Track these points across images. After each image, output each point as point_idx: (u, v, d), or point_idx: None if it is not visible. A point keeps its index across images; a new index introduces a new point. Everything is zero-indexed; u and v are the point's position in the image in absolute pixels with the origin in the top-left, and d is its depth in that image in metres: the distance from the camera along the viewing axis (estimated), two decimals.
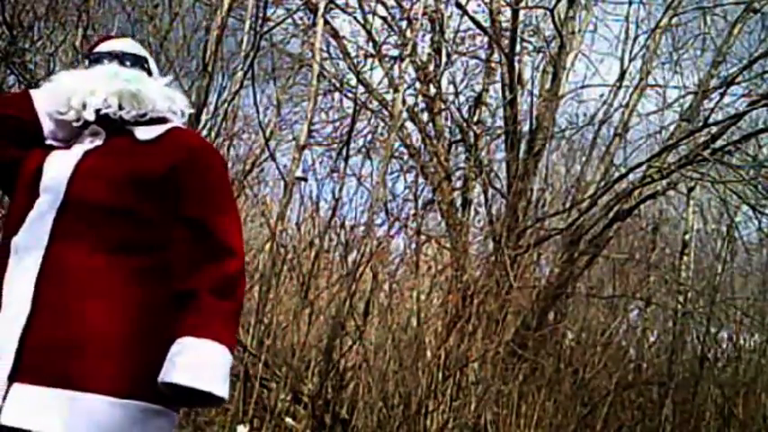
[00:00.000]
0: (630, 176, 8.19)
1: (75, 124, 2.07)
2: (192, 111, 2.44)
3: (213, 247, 1.94)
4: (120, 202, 1.93)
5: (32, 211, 1.95)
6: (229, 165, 7.20)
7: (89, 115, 2.04)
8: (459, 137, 8.39)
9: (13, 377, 1.78)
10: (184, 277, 1.90)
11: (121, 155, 2.02)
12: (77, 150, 2.05)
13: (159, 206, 1.95)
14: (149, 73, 2.21)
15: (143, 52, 2.26)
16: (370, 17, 7.98)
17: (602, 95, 8.60)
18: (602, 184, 8.24)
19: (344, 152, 7.40)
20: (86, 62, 2.22)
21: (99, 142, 2.07)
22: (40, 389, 1.77)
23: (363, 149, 7.97)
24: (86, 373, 1.78)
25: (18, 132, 2.08)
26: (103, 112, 2.05)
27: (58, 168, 2.00)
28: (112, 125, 2.07)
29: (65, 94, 2.07)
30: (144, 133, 2.06)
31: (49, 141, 2.10)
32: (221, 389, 1.84)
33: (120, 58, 2.19)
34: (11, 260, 1.91)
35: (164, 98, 2.13)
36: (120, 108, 2.06)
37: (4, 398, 1.77)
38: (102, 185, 1.95)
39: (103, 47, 2.24)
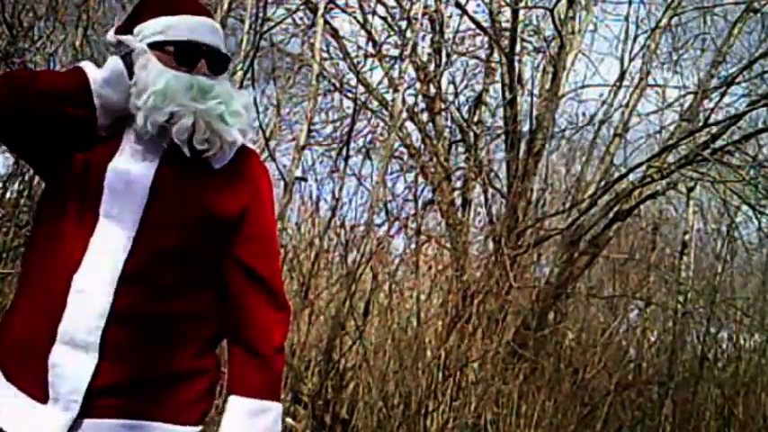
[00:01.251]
0: (630, 176, 8.19)
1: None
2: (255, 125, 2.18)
3: (276, 305, 1.94)
4: (191, 246, 1.84)
5: (96, 245, 1.78)
6: None
7: (184, 148, 1.82)
8: (459, 137, 8.39)
9: (81, 416, 1.78)
10: (245, 329, 1.90)
11: (194, 187, 1.84)
12: (142, 169, 1.83)
13: (222, 246, 1.88)
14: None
15: (224, 45, 1.96)
16: (370, 17, 7.98)
17: (601, 95, 8.62)
18: (602, 184, 8.24)
19: (344, 152, 7.39)
20: (160, 41, 1.86)
21: (158, 152, 1.84)
22: (108, 421, 1.78)
23: (363, 149, 7.98)
24: (152, 406, 1.80)
25: (68, 128, 1.82)
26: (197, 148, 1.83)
27: (127, 196, 1.80)
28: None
29: (160, 101, 1.80)
30: (216, 158, 1.87)
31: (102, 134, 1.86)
32: None
33: (216, 59, 1.90)
34: (74, 299, 1.77)
35: (251, 127, 1.97)
36: (217, 151, 1.85)
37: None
38: (175, 229, 1.82)
39: (195, 31, 1.88)
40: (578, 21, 8.63)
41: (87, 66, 1.85)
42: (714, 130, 7.88)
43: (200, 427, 1.86)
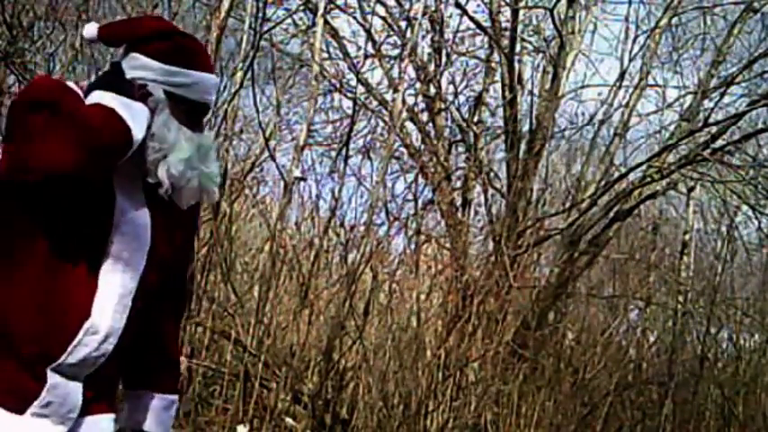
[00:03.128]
0: (630, 176, 8.20)
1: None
2: None
3: (182, 318, 2.21)
4: (162, 283, 1.97)
5: (107, 286, 1.80)
6: (229, 165, 7.20)
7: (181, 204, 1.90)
8: (459, 137, 8.39)
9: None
10: (159, 338, 2.05)
11: (171, 228, 1.92)
12: (142, 213, 1.84)
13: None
14: None
15: None
16: (369, 17, 7.98)
17: (601, 95, 8.62)
18: (602, 184, 8.24)
19: (344, 152, 7.39)
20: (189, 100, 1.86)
21: (140, 193, 1.85)
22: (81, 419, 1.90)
23: (363, 149, 7.97)
24: (103, 403, 1.93)
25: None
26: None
27: (136, 240, 1.84)
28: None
29: (186, 167, 1.83)
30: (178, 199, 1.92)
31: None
32: None
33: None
34: (86, 338, 1.79)
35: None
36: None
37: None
38: (164, 269, 1.93)
39: (210, 93, 1.91)
40: (578, 21, 8.63)
41: (130, 122, 1.74)
42: (714, 130, 7.88)
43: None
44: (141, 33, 1.87)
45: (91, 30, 1.90)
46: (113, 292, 1.82)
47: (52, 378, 1.80)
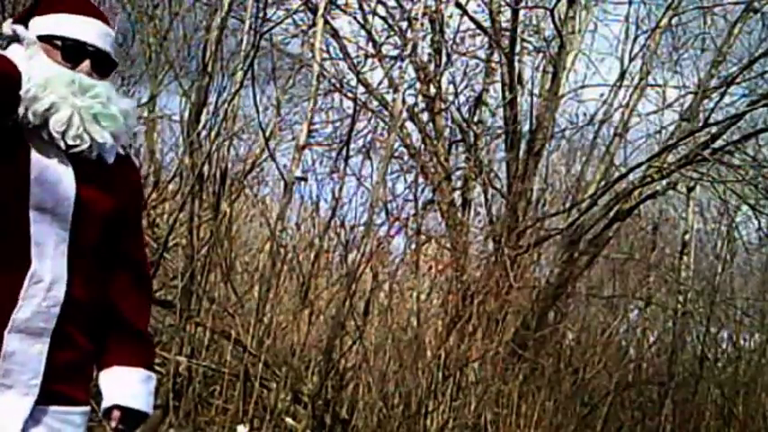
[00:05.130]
0: (630, 176, 8.20)
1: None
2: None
3: (146, 288, 2.13)
4: (102, 238, 1.96)
5: (40, 236, 1.82)
6: (229, 165, 7.20)
7: (60, 141, 1.85)
8: (459, 137, 8.39)
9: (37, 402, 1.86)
10: (121, 309, 2.02)
11: (102, 186, 1.93)
12: (59, 162, 1.86)
13: (113, 236, 2.00)
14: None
15: (113, 51, 2.02)
16: (370, 17, 7.98)
17: (601, 95, 8.62)
18: (602, 184, 8.25)
19: (344, 152, 7.40)
20: (58, 42, 1.90)
21: (56, 145, 1.88)
22: (62, 408, 1.88)
23: (363, 149, 7.97)
24: (77, 390, 1.92)
25: None
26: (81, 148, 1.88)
27: (59, 189, 1.85)
28: None
29: (40, 91, 1.83)
30: (107, 154, 1.95)
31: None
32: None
33: (101, 62, 1.96)
34: (32, 289, 1.81)
35: (126, 133, 2.03)
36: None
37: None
38: (96, 223, 1.93)
39: (85, 31, 1.93)
40: (578, 21, 8.63)
41: (14, 59, 1.82)
42: (714, 130, 7.88)
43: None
44: (28, 10, 1.99)
45: (6, 28, 2.00)
46: (47, 239, 1.84)
47: (10, 343, 1.79)
